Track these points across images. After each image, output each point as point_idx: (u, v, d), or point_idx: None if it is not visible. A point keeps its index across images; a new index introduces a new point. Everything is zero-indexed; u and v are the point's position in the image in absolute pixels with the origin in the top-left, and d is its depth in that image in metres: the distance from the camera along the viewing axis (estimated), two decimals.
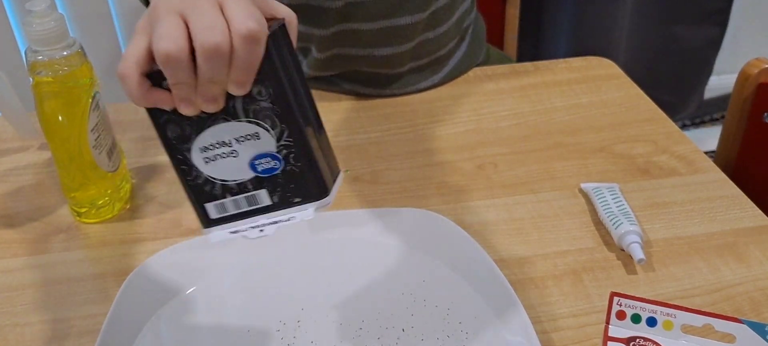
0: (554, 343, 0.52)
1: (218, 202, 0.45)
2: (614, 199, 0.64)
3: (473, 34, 0.94)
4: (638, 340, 0.49)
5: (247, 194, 0.44)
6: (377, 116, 0.83)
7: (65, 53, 0.59)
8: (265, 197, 0.44)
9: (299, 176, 0.43)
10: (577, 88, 0.88)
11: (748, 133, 0.85)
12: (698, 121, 2.08)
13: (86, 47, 0.62)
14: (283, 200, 0.44)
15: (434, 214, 0.61)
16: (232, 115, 0.41)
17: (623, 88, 0.88)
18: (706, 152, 0.75)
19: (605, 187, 0.67)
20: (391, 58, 0.84)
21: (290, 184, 0.43)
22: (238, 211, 0.45)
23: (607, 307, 0.50)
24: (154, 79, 0.40)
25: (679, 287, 0.57)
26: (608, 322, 0.50)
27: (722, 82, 1.99)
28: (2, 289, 0.59)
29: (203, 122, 0.42)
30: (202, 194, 0.44)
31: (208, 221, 0.46)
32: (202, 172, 0.43)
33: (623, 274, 0.59)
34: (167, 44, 0.37)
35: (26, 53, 0.59)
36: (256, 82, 0.40)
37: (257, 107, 0.41)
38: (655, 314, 0.49)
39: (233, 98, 0.40)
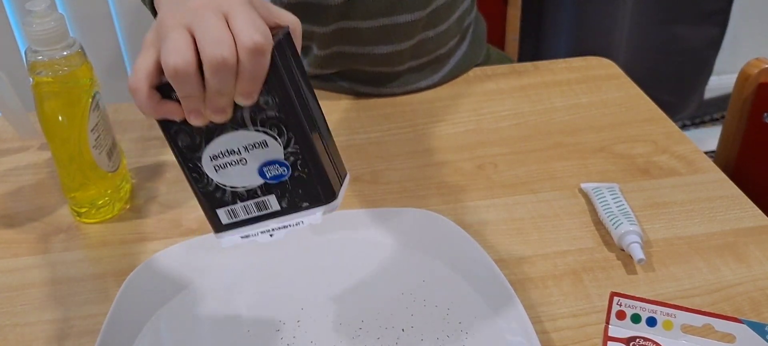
0: (554, 343, 0.52)
1: (229, 208, 0.46)
2: (614, 199, 0.64)
3: (474, 33, 0.94)
4: (638, 340, 0.49)
5: (256, 200, 0.45)
6: (377, 116, 0.83)
7: (65, 53, 0.59)
8: (274, 203, 0.45)
9: (307, 182, 0.44)
10: (577, 88, 0.88)
11: (748, 133, 0.85)
12: (698, 121, 2.08)
13: (86, 47, 0.62)
14: (291, 205, 0.45)
15: (434, 214, 0.61)
16: (240, 124, 0.42)
17: (623, 88, 0.88)
18: (706, 152, 0.75)
19: (605, 187, 0.67)
20: (390, 56, 0.84)
21: (298, 189, 0.44)
22: (248, 216, 0.46)
23: (607, 307, 0.50)
24: (163, 91, 0.41)
25: (679, 287, 0.57)
26: (608, 322, 0.50)
27: (722, 82, 1.99)
28: (2, 289, 0.59)
29: (212, 132, 0.43)
30: (213, 201, 0.46)
31: (219, 226, 0.47)
32: (212, 179, 0.45)
33: (623, 274, 0.59)
34: (176, 59, 0.38)
35: (26, 53, 0.59)
36: (262, 92, 0.40)
37: (264, 116, 0.41)
38: (655, 314, 0.49)
39: (241, 108, 0.41)
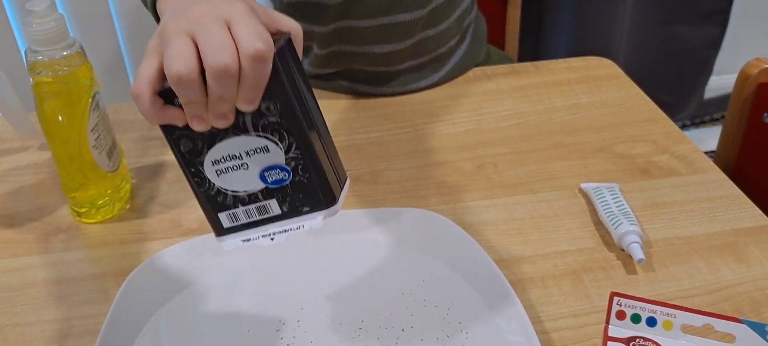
0: (554, 343, 0.52)
1: (230, 211, 0.46)
2: (614, 199, 0.64)
3: (474, 33, 0.94)
4: (638, 340, 0.49)
5: (257, 204, 0.45)
6: (377, 116, 0.83)
7: (65, 53, 0.59)
8: (275, 207, 0.45)
9: (307, 186, 0.44)
10: (577, 88, 0.88)
11: (748, 133, 0.85)
12: (698, 121, 2.08)
13: (86, 47, 0.62)
14: (292, 209, 0.45)
15: (434, 214, 0.61)
16: (241, 129, 0.42)
17: (623, 88, 0.88)
18: (706, 152, 0.75)
19: (605, 187, 0.67)
20: (390, 55, 0.84)
21: (299, 194, 0.44)
22: (249, 220, 0.46)
23: (607, 307, 0.50)
24: (166, 96, 0.41)
25: (679, 287, 0.57)
26: (608, 322, 0.50)
27: (722, 82, 1.99)
28: (2, 289, 0.59)
29: (214, 137, 0.43)
30: (215, 205, 0.46)
31: (221, 230, 0.47)
32: (214, 183, 0.45)
33: (623, 274, 0.59)
34: (178, 66, 0.38)
35: (26, 53, 0.59)
36: (264, 98, 0.41)
37: (266, 122, 0.42)
38: (655, 314, 0.49)
39: (243, 114, 0.42)
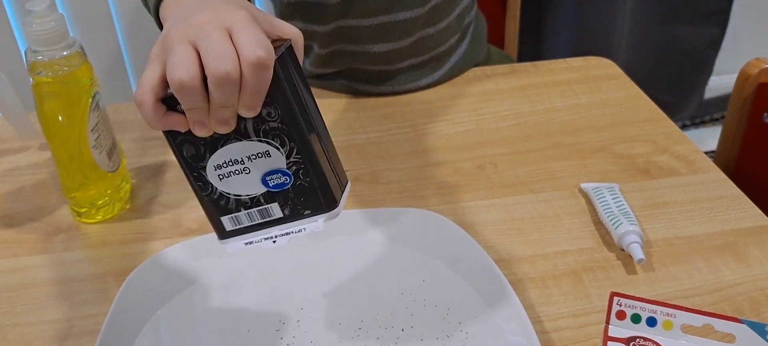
0: (554, 343, 0.52)
1: (233, 215, 0.47)
2: (614, 199, 0.64)
3: (474, 32, 0.94)
4: (638, 340, 0.49)
5: (259, 208, 0.46)
6: (377, 116, 0.83)
7: (65, 53, 0.59)
8: (276, 210, 0.46)
9: (309, 190, 0.45)
10: (577, 88, 0.88)
11: (748, 133, 0.85)
12: (698, 121, 2.08)
13: (86, 47, 0.62)
14: (294, 213, 0.46)
15: (434, 214, 0.61)
16: (243, 135, 0.43)
17: (623, 88, 0.88)
18: (706, 152, 0.75)
19: (605, 187, 0.67)
20: (390, 54, 0.84)
21: (300, 197, 0.45)
22: (251, 223, 0.47)
23: (607, 307, 0.50)
24: (169, 103, 0.42)
25: (679, 287, 0.57)
26: (608, 322, 0.50)
27: (722, 82, 1.99)
28: (2, 289, 0.59)
29: (216, 142, 0.43)
30: (218, 208, 0.46)
31: (224, 233, 0.48)
32: (217, 188, 0.45)
33: (623, 274, 0.59)
34: (181, 73, 0.39)
35: (26, 53, 0.59)
36: (265, 103, 0.41)
37: (267, 127, 0.42)
38: (655, 314, 0.49)
39: (244, 119, 0.42)
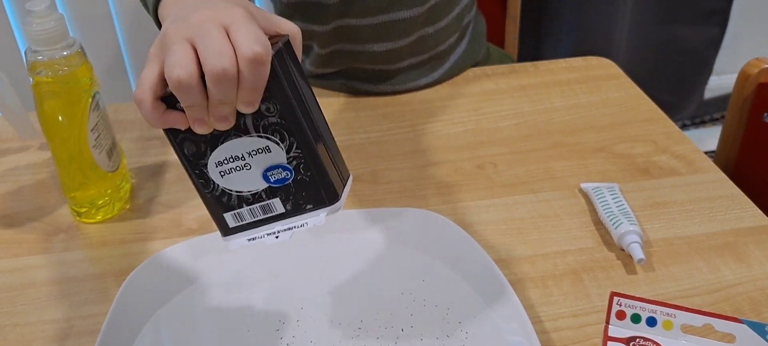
0: (554, 343, 0.52)
1: (235, 211, 0.47)
2: (614, 199, 0.64)
3: (473, 31, 0.94)
4: (638, 340, 0.49)
5: (261, 203, 0.46)
6: (377, 116, 0.83)
7: (65, 53, 0.59)
8: (278, 205, 0.46)
9: (310, 185, 0.45)
10: (577, 88, 0.88)
11: (748, 133, 0.85)
12: (698, 121, 2.08)
13: (86, 47, 0.62)
14: (295, 207, 0.46)
15: (434, 214, 0.61)
16: (243, 131, 0.43)
17: (623, 88, 0.88)
18: (706, 152, 0.75)
19: (605, 187, 0.67)
20: (390, 53, 0.84)
21: (302, 192, 0.45)
22: (254, 219, 0.47)
23: (607, 307, 0.50)
24: (168, 101, 0.42)
25: (679, 287, 0.57)
26: (608, 322, 0.50)
27: (722, 82, 1.99)
28: (2, 289, 0.59)
29: (217, 139, 0.43)
30: (220, 205, 0.47)
31: (226, 230, 0.48)
32: (218, 185, 0.46)
33: (623, 274, 0.59)
34: (179, 71, 0.39)
35: (26, 53, 0.59)
36: (264, 99, 0.41)
37: (266, 123, 0.42)
38: (655, 314, 0.49)
39: (244, 115, 0.42)
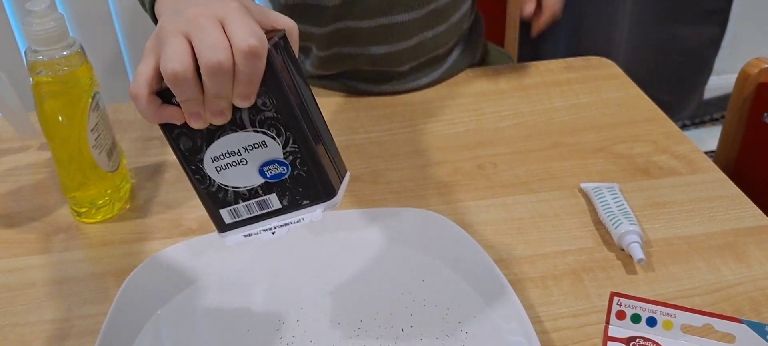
0: (554, 343, 0.52)
1: (231, 207, 0.46)
2: (614, 199, 0.64)
3: (473, 32, 0.94)
4: (638, 340, 0.49)
5: (258, 199, 0.46)
6: (377, 116, 0.83)
7: (65, 53, 0.59)
8: (275, 201, 0.46)
9: (306, 180, 0.44)
10: (577, 88, 0.88)
11: (748, 133, 0.85)
12: (698, 121, 2.08)
13: (86, 47, 0.62)
14: (292, 203, 0.46)
15: (434, 214, 0.61)
16: (239, 125, 0.43)
17: (623, 88, 0.88)
18: (706, 152, 0.75)
19: (605, 187, 0.67)
20: (389, 56, 0.84)
21: (298, 187, 0.45)
22: (250, 215, 0.47)
23: (607, 307, 0.50)
24: (164, 96, 0.42)
25: (679, 287, 0.57)
26: (608, 322, 0.50)
27: (722, 82, 1.99)
28: (2, 289, 0.59)
29: (213, 134, 0.43)
30: (216, 201, 0.46)
31: (223, 226, 0.48)
32: (214, 180, 0.45)
33: (623, 274, 0.59)
34: (174, 65, 0.39)
35: (26, 53, 0.59)
36: (260, 93, 0.41)
37: (262, 117, 0.42)
38: (654, 314, 0.49)
39: (239, 110, 0.42)
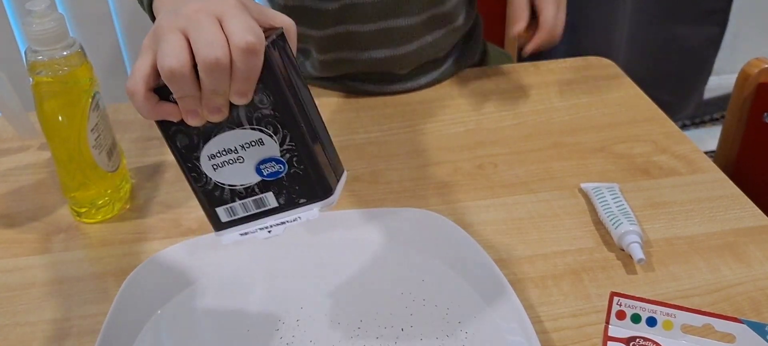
0: (554, 343, 0.52)
1: (228, 206, 0.46)
2: (614, 199, 0.64)
3: (472, 34, 0.94)
4: (638, 340, 0.49)
5: (254, 197, 0.46)
6: (377, 116, 0.83)
7: (65, 53, 0.59)
8: (271, 200, 0.45)
9: (303, 178, 0.44)
10: (577, 88, 0.88)
11: (748, 133, 0.85)
12: (698, 121, 2.08)
13: (86, 47, 0.62)
14: (289, 202, 0.45)
15: (434, 214, 0.61)
16: (236, 123, 0.43)
17: (623, 88, 0.88)
18: (706, 152, 0.75)
19: (605, 187, 0.67)
20: (389, 60, 0.84)
21: (295, 186, 0.45)
22: (246, 213, 0.46)
23: (607, 307, 0.50)
24: (161, 93, 0.41)
25: (679, 287, 0.57)
26: (608, 322, 0.50)
27: (722, 82, 1.99)
28: (2, 289, 0.59)
29: (210, 131, 0.43)
30: (212, 199, 0.46)
31: (219, 225, 0.47)
32: (211, 178, 0.45)
33: (623, 274, 0.59)
34: (171, 61, 0.39)
35: (26, 53, 0.59)
36: (257, 91, 0.41)
37: (260, 115, 0.42)
38: (654, 314, 0.49)
39: (237, 107, 0.42)
